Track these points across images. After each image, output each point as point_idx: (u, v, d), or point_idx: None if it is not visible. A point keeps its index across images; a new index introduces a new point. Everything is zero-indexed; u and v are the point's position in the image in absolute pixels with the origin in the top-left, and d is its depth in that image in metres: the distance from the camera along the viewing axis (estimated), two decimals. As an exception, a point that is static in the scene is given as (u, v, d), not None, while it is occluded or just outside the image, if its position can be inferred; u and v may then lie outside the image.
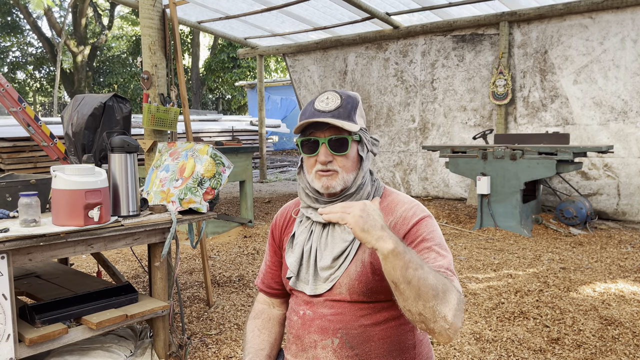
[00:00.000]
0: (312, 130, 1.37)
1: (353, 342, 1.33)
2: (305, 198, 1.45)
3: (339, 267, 1.36)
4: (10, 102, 3.37)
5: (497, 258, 4.70)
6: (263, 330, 1.56)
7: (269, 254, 1.60)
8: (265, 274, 1.60)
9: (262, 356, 1.50)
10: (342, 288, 1.35)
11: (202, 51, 25.68)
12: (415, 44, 8.29)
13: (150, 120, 3.31)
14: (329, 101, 1.37)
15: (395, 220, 1.37)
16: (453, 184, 8.09)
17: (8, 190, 2.40)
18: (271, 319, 1.59)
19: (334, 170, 1.36)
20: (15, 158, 7.04)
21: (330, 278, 1.37)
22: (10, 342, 1.98)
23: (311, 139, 1.37)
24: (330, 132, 1.35)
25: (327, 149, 1.35)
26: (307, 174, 1.43)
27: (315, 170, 1.38)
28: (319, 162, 1.36)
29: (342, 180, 1.37)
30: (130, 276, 4.30)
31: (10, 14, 23.17)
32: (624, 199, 6.48)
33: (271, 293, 1.60)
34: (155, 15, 3.35)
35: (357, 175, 1.40)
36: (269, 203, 8.14)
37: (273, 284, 1.58)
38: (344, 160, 1.36)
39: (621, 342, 2.89)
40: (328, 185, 1.36)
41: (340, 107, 1.35)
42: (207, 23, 9.11)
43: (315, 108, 1.37)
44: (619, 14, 6.38)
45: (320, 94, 1.41)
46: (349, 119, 1.35)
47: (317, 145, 1.36)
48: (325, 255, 1.39)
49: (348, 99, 1.38)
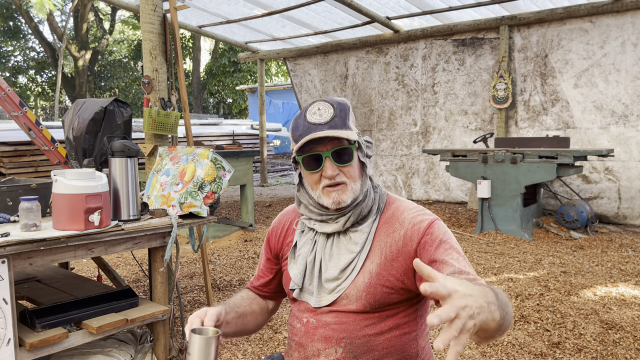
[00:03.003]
0: (312, 146, 1.30)
1: (356, 352, 1.32)
2: (308, 213, 1.40)
3: (346, 278, 1.33)
4: (11, 106, 3.38)
5: (498, 262, 4.69)
6: (246, 299, 1.54)
7: (263, 261, 1.58)
8: (257, 278, 1.60)
9: (234, 312, 1.43)
10: (348, 299, 1.32)
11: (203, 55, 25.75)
12: (415, 48, 8.31)
13: (151, 124, 3.31)
14: (321, 112, 1.31)
15: (405, 229, 1.33)
16: (454, 187, 8.09)
17: (9, 195, 2.40)
18: (256, 298, 1.58)
19: (343, 183, 1.32)
20: (16, 162, 7.05)
21: (337, 289, 1.34)
22: (10, 346, 1.98)
23: (313, 155, 1.31)
24: (332, 145, 1.30)
25: (332, 162, 1.30)
26: (311, 190, 1.37)
27: (323, 187, 1.32)
28: (326, 177, 1.31)
29: (351, 192, 1.32)
30: (131, 280, 4.30)
31: (13, 19, 23.26)
32: (624, 203, 6.48)
33: (261, 295, 1.60)
34: (156, 20, 3.36)
35: (362, 183, 1.37)
36: (270, 207, 8.14)
37: (265, 288, 1.58)
38: (350, 171, 1.32)
39: (622, 346, 2.88)
40: (339, 201, 1.31)
41: (336, 117, 1.30)
42: (207, 27, 9.14)
43: (309, 121, 1.30)
44: (619, 17, 6.39)
45: (310, 105, 1.34)
46: (346, 127, 1.30)
47: (319, 160, 1.31)
48: (330, 266, 1.36)
49: (340, 107, 1.32)
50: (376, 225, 1.37)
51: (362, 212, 1.36)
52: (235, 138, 12.64)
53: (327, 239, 1.39)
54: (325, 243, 1.39)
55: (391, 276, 1.30)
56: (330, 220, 1.37)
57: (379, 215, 1.39)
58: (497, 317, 0.97)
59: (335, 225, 1.36)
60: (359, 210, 1.36)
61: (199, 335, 1.19)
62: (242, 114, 24.52)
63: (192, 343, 1.19)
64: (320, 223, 1.38)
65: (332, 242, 1.38)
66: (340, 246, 1.37)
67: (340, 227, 1.36)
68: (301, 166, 1.35)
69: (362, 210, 1.37)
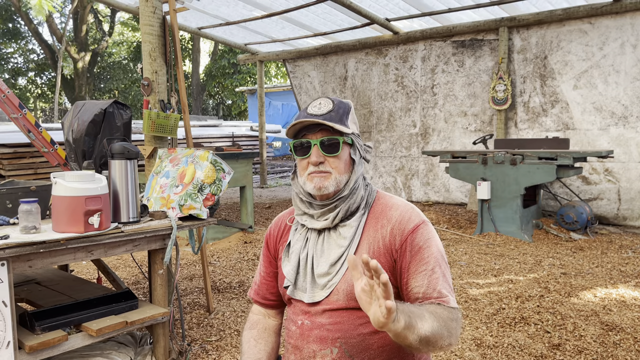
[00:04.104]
0: (304, 133, 1.40)
1: (352, 351, 1.32)
2: (299, 204, 1.46)
3: (336, 273, 1.36)
4: (11, 108, 3.37)
5: (498, 263, 4.69)
6: (259, 340, 1.55)
7: (264, 265, 1.58)
8: (260, 285, 1.58)
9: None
10: (339, 294, 1.34)
11: (203, 57, 25.76)
12: (415, 50, 8.31)
13: (151, 126, 3.31)
14: (321, 106, 1.40)
15: (392, 226, 1.36)
16: (454, 189, 8.09)
17: (8, 197, 2.40)
18: (267, 329, 1.57)
19: (327, 172, 1.37)
20: (16, 164, 7.05)
21: (328, 285, 1.36)
22: (10, 349, 1.98)
23: (303, 141, 1.39)
24: (323, 134, 1.38)
25: (319, 149, 1.37)
26: (299, 177, 1.44)
27: (308, 173, 1.39)
28: (311, 163, 1.38)
29: (334, 181, 1.38)
30: (130, 282, 4.30)
31: (12, 21, 23.29)
32: (624, 204, 6.48)
33: (266, 304, 1.58)
34: (155, 22, 3.36)
35: (349, 178, 1.41)
36: (270, 208, 8.14)
37: (268, 294, 1.57)
38: (336, 162, 1.38)
39: (622, 348, 2.88)
40: (320, 186, 1.37)
41: (332, 112, 1.38)
42: (207, 29, 9.15)
43: (308, 112, 1.40)
44: (618, 19, 6.40)
45: (314, 100, 1.44)
46: (341, 123, 1.37)
47: (309, 147, 1.38)
48: (321, 262, 1.39)
49: (340, 104, 1.41)
50: (365, 219, 1.41)
51: (350, 207, 1.40)
52: (235, 140, 12.64)
53: (319, 236, 1.43)
54: (317, 239, 1.42)
55: None
56: (319, 216, 1.41)
57: (367, 210, 1.43)
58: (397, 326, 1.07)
59: (324, 222, 1.40)
60: (347, 206, 1.40)
61: None
62: (241, 116, 24.54)
63: None
64: (310, 219, 1.43)
65: (323, 238, 1.42)
66: (331, 241, 1.40)
67: (329, 224, 1.40)
68: (292, 152, 1.43)
69: (351, 206, 1.40)
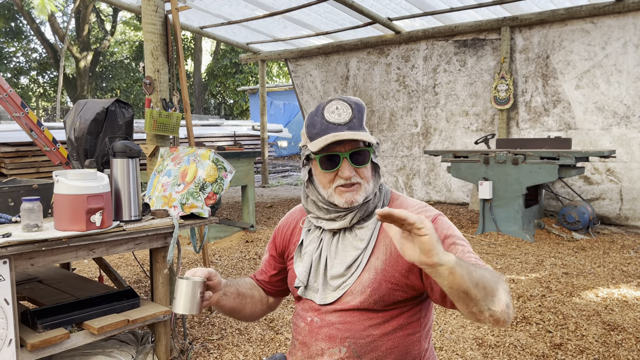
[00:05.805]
0: (330, 146, 1.30)
1: (360, 352, 1.32)
2: (315, 210, 1.42)
3: (351, 275, 1.34)
4: (13, 107, 3.38)
5: (500, 263, 4.69)
6: (248, 283, 1.59)
7: (266, 257, 1.61)
8: (260, 272, 1.63)
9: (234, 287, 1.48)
10: (353, 296, 1.33)
11: (205, 56, 25.78)
12: (417, 49, 8.31)
13: (153, 125, 3.32)
14: (340, 112, 1.32)
15: None
16: (455, 188, 8.08)
17: (10, 195, 2.40)
18: (258, 288, 1.61)
19: (357, 183, 1.33)
20: (18, 163, 7.06)
21: (342, 286, 1.35)
22: (12, 347, 1.98)
23: (330, 154, 1.32)
24: (350, 146, 1.31)
25: (349, 163, 1.31)
26: (321, 188, 1.37)
27: (336, 186, 1.34)
28: (342, 177, 1.32)
29: (364, 192, 1.34)
30: (132, 281, 4.30)
31: (14, 20, 23.32)
32: (626, 204, 6.47)
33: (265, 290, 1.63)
34: (157, 21, 3.36)
35: (375, 183, 1.38)
36: (271, 208, 8.14)
37: (267, 283, 1.62)
38: (365, 172, 1.34)
39: (624, 348, 2.88)
40: (352, 201, 1.33)
41: (354, 118, 1.31)
42: (209, 28, 9.15)
43: (328, 120, 1.31)
44: (621, 18, 6.38)
45: (327, 103, 1.35)
46: (362, 129, 1.33)
47: (336, 159, 1.32)
48: (336, 263, 1.37)
49: (357, 108, 1.34)
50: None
51: (368, 209, 1.38)
52: (237, 139, 12.65)
53: (333, 237, 1.40)
54: (331, 240, 1.40)
55: (396, 272, 1.31)
56: (337, 217, 1.38)
57: None
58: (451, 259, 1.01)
59: (342, 222, 1.37)
60: (366, 207, 1.38)
61: (184, 279, 1.24)
62: (243, 115, 24.54)
63: (177, 287, 1.24)
64: (327, 221, 1.39)
65: (338, 239, 1.39)
66: (346, 243, 1.38)
67: (347, 224, 1.37)
68: (316, 164, 1.36)
69: (369, 207, 1.38)
